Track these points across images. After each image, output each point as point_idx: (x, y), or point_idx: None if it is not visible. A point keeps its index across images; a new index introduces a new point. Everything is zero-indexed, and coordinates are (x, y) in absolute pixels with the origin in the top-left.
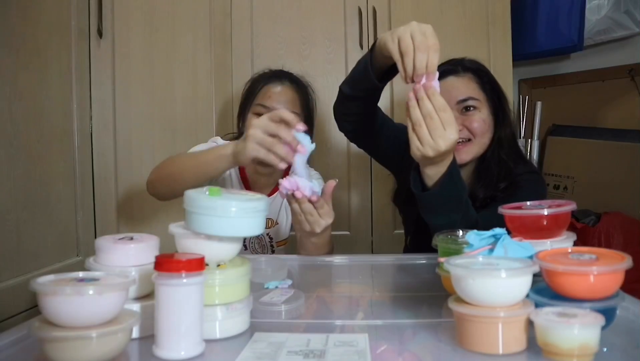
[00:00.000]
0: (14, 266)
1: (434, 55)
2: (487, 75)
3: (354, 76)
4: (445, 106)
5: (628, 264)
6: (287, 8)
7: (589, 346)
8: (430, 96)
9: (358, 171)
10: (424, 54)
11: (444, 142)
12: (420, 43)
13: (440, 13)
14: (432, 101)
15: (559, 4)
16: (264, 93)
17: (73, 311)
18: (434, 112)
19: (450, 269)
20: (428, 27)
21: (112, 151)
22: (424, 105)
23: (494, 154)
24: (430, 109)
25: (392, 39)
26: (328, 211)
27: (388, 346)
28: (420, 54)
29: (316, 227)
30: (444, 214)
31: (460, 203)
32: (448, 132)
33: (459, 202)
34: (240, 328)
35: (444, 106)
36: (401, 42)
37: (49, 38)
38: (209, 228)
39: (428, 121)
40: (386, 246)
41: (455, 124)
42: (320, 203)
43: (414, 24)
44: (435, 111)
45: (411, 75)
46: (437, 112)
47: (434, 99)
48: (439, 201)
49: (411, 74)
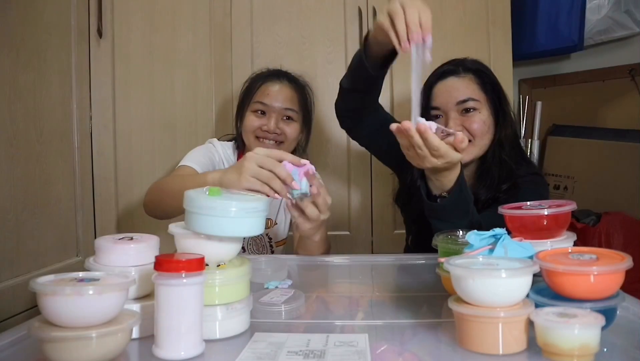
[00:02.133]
0: (14, 266)
1: (425, 14)
2: (488, 76)
3: (351, 68)
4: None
5: (628, 264)
6: (287, 8)
7: (589, 346)
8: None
9: (358, 170)
10: (414, 11)
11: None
12: (410, 4)
13: (440, 13)
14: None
15: (559, 4)
16: (262, 91)
17: (73, 311)
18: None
19: (450, 269)
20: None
21: (112, 151)
22: (415, 141)
23: (494, 155)
24: (419, 143)
25: (383, 14)
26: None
27: (388, 346)
28: (411, 11)
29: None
30: (451, 221)
31: (467, 212)
32: (439, 160)
33: (466, 211)
34: (240, 328)
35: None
36: (390, 9)
37: (49, 38)
38: (209, 228)
39: (417, 151)
40: (386, 246)
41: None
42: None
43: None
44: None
45: (405, 36)
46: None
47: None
48: (447, 210)
49: (405, 35)
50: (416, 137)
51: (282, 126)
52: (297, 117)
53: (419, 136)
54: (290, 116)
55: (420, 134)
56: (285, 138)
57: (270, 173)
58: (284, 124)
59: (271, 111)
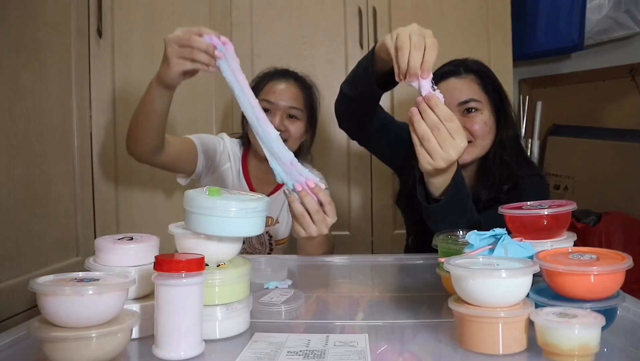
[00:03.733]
0: (14, 266)
1: (430, 54)
2: (489, 76)
3: (355, 78)
4: (451, 115)
5: (628, 264)
6: (287, 8)
7: (590, 346)
8: (434, 106)
9: (358, 171)
10: (419, 52)
11: (455, 151)
12: (418, 42)
13: (440, 13)
14: (436, 111)
15: (559, 3)
16: (269, 89)
17: (73, 311)
18: (440, 123)
19: (450, 269)
20: (428, 31)
21: (112, 151)
22: (429, 117)
23: (496, 155)
24: (435, 120)
25: (391, 36)
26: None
27: (388, 346)
28: (415, 52)
29: (323, 226)
30: (449, 221)
31: (466, 211)
32: (458, 140)
33: (464, 210)
34: (240, 328)
35: (449, 115)
36: (398, 38)
37: (49, 38)
38: (209, 228)
39: (436, 133)
40: (386, 246)
41: (463, 131)
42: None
43: (415, 26)
44: (441, 121)
45: (404, 72)
46: (443, 123)
47: (438, 110)
48: (445, 211)
49: (404, 71)
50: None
51: (287, 124)
52: (302, 116)
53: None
54: (295, 114)
55: (431, 106)
56: (289, 136)
57: (191, 48)
58: (289, 123)
59: (276, 108)
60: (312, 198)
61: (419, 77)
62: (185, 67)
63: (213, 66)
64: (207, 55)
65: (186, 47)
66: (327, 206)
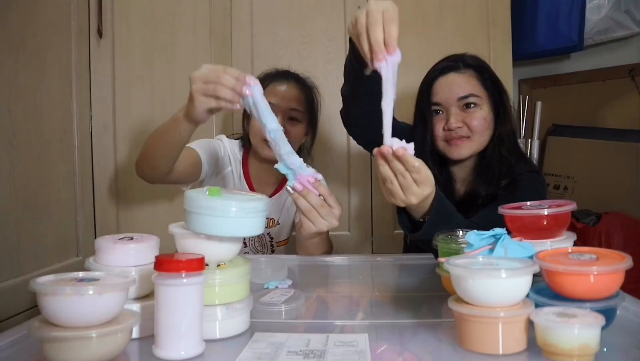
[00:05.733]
0: (14, 266)
1: (390, 27)
2: (488, 71)
3: (346, 76)
4: (419, 167)
5: (628, 264)
6: (287, 8)
7: (589, 346)
8: (401, 158)
9: (358, 171)
10: (378, 27)
11: (417, 198)
12: (374, 18)
13: (440, 13)
14: (404, 163)
15: (559, 4)
16: (270, 90)
17: (73, 311)
18: (406, 172)
19: (450, 269)
20: (387, 2)
21: (112, 151)
22: (395, 166)
23: (494, 150)
24: (401, 169)
25: (352, 22)
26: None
27: (388, 346)
28: (373, 29)
29: (332, 219)
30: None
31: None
32: (422, 188)
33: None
34: (240, 328)
35: (417, 168)
36: (357, 21)
37: (49, 38)
38: (209, 228)
39: (400, 179)
40: (386, 246)
41: (431, 179)
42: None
43: (372, 1)
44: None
45: (370, 58)
46: (410, 172)
47: (406, 162)
48: (430, 233)
49: (369, 58)
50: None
51: (287, 127)
52: (303, 117)
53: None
54: (296, 116)
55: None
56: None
57: (215, 84)
58: (289, 125)
59: (277, 110)
60: (315, 193)
61: (385, 58)
62: (209, 105)
63: (238, 103)
64: (232, 92)
65: (210, 84)
66: (329, 198)
